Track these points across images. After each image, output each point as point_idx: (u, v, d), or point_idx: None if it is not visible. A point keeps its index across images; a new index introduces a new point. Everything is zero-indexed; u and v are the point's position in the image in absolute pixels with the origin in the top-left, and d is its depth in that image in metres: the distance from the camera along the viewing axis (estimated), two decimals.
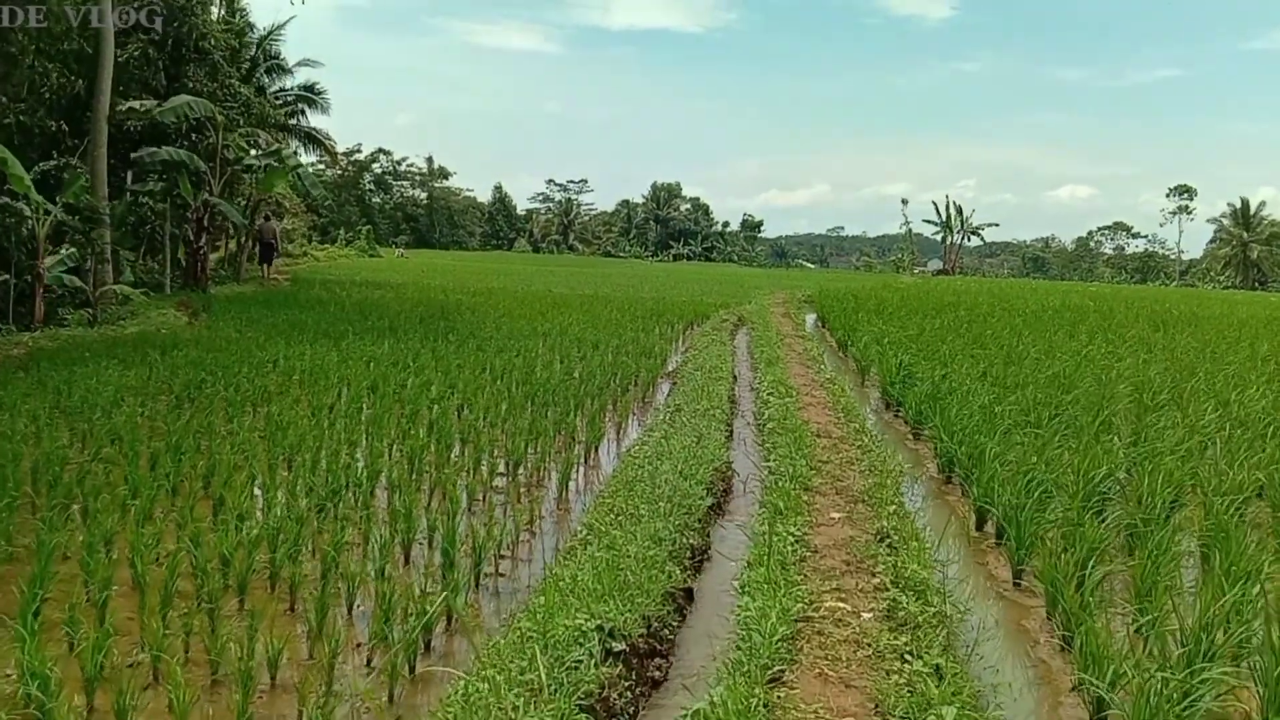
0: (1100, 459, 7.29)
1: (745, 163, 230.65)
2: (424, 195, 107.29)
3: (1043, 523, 5.80)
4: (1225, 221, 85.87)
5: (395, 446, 9.60)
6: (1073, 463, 7.32)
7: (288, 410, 10.56)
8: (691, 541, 5.52)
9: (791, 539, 5.21)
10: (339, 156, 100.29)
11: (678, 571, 4.84)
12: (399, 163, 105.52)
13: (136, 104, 22.28)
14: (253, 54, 39.18)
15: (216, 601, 5.66)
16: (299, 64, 41.99)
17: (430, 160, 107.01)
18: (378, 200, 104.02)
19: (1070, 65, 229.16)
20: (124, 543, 6.43)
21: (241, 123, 27.42)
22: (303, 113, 42.40)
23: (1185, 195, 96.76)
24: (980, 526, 7.12)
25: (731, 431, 9.93)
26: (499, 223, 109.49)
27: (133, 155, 21.45)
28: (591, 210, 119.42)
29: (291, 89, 42.36)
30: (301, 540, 6.77)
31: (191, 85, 27.46)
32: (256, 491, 7.82)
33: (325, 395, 11.43)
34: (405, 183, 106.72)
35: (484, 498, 8.33)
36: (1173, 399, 11.11)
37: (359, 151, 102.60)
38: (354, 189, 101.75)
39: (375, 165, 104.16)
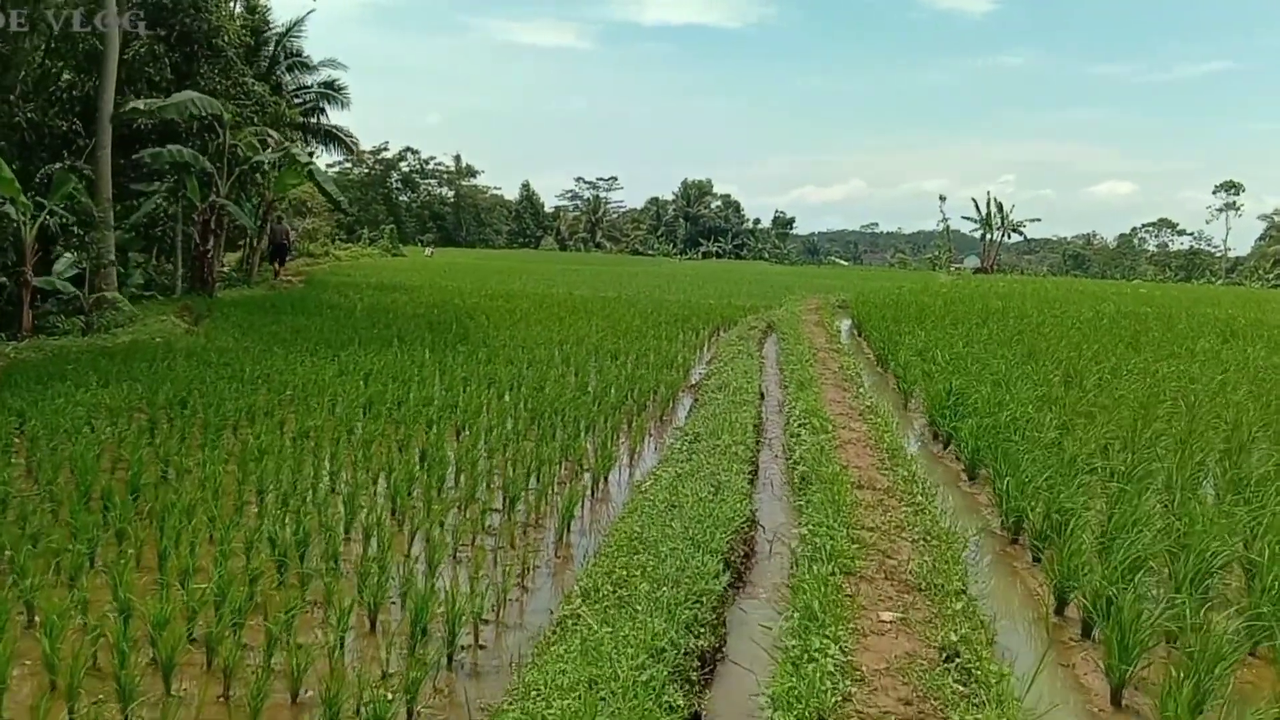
0: (1210, 525, 6.10)
1: (778, 159, 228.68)
2: (451, 194, 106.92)
3: (1148, 627, 4.62)
4: (1276, 219, 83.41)
5: (381, 477, 8.68)
6: (1171, 526, 6.21)
7: (269, 434, 9.70)
8: (700, 644, 4.48)
9: (830, 665, 4.02)
10: (365, 155, 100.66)
11: (679, 698, 3.82)
12: (426, 161, 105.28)
13: (141, 102, 21.57)
14: (271, 51, 38.73)
15: (135, 687, 4.77)
16: (322, 63, 41.42)
17: (458, 158, 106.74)
18: (404, 199, 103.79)
19: (1112, 60, 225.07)
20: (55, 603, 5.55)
21: (256, 120, 26.73)
22: (323, 111, 41.79)
23: (1232, 191, 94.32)
24: (1061, 610, 5.92)
25: (757, 469, 8.90)
26: (526, 221, 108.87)
27: (134, 155, 20.74)
28: (620, 208, 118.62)
29: (312, 87, 41.78)
30: (251, 604, 5.88)
31: (204, 83, 26.87)
32: (212, 539, 6.92)
33: (314, 415, 10.55)
34: (432, 181, 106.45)
35: (474, 541, 7.39)
36: (1271, 435, 9.89)
37: (386, 150, 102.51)
38: (381, 188, 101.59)
39: (402, 164, 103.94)
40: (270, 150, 23.61)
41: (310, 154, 34.93)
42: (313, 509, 7.58)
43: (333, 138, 42.44)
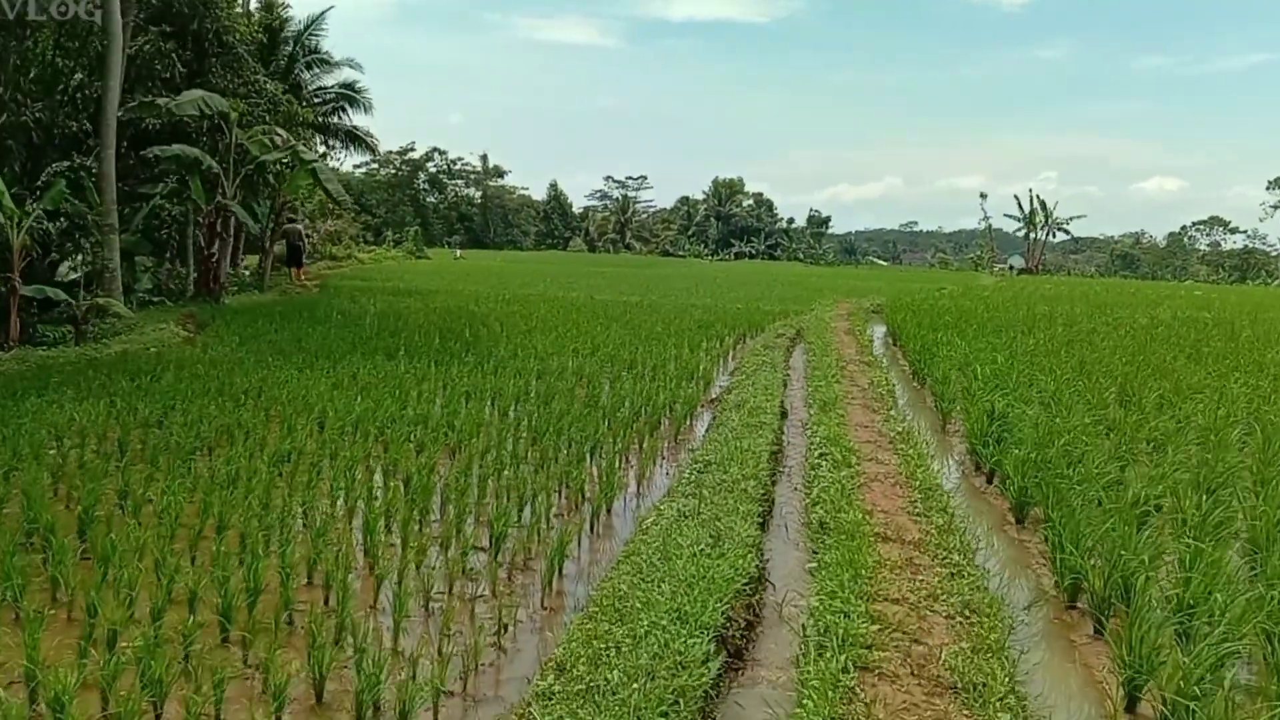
0: None
1: (811, 156, 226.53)
2: (478, 194, 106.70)
3: None
4: None
5: (362, 507, 7.97)
6: (1263, 598, 5.28)
7: (245, 457, 9.05)
8: None
9: None
10: (392, 156, 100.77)
11: None
12: (453, 162, 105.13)
13: (149, 100, 21.17)
14: (290, 49, 38.42)
15: None
16: (340, 63, 41.11)
17: (484, 159, 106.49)
18: (432, 200, 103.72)
19: (1155, 51, 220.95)
20: None
21: (268, 119, 26.29)
22: (344, 110, 41.46)
23: None
24: (1132, 706, 4.93)
25: (772, 506, 8.00)
26: (554, 221, 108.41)
27: (140, 152, 20.31)
28: (650, 208, 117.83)
29: (332, 87, 41.47)
30: (182, 669, 5.20)
31: (215, 81, 26.49)
32: (159, 585, 6.24)
33: (297, 435, 9.88)
34: (459, 182, 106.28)
35: (451, 588, 6.67)
36: None
37: (412, 150, 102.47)
38: (408, 189, 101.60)
39: (429, 164, 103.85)
40: (277, 150, 23.06)
41: (323, 154, 34.61)
42: (276, 548, 6.91)
43: (354, 139, 42.13)
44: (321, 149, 43.09)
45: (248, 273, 30.59)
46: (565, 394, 12.92)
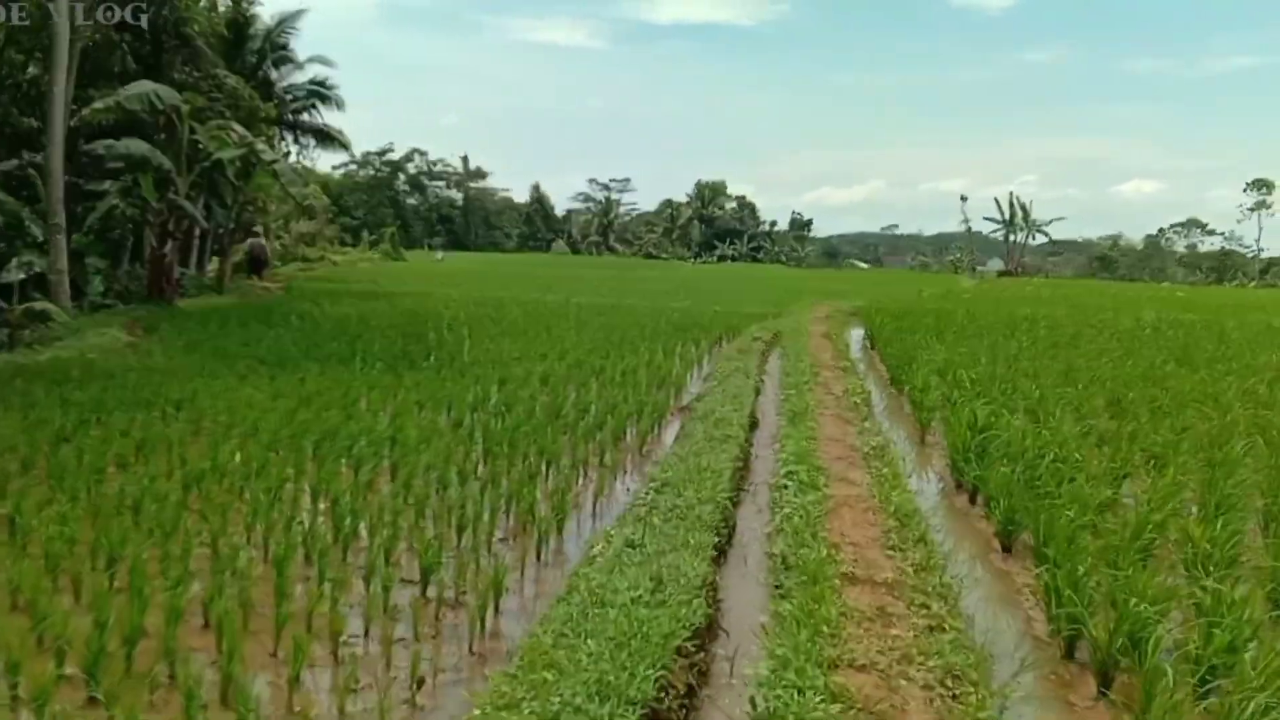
0: None
1: (795, 159, 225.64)
2: (459, 196, 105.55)
3: None
4: None
5: (273, 539, 7.10)
6: None
7: (156, 478, 8.17)
8: None
9: None
10: (371, 156, 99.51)
11: None
12: (434, 163, 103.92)
13: (97, 96, 20.18)
14: (259, 46, 37.39)
15: None
16: (310, 60, 40.12)
17: (465, 160, 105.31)
18: (412, 201, 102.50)
19: (1137, 56, 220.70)
20: None
21: (228, 114, 25.29)
22: (315, 108, 40.42)
23: (1263, 190, 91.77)
24: None
25: (733, 533, 7.10)
26: (537, 223, 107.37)
27: (85, 147, 19.31)
28: (634, 210, 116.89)
29: (302, 85, 40.45)
30: None
31: (176, 75, 25.51)
32: (19, 636, 5.36)
33: (222, 451, 8.99)
34: (440, 183, 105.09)
35: (368, 630, 5.81)
36: None
37: (391, 151, 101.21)
38: (388, 190, 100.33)
39: (410, 165, 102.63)
40: (233, 147, 22.06)
41: (288, 153, 33.61)
42: (168, 585, 6.03)
43: (325, 137, 41.09)
44: (294, 148, 42.18)
45: (213, 275, 29.53)
46: (526, 402, 12.07)
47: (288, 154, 36.44)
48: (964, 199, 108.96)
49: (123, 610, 5.52)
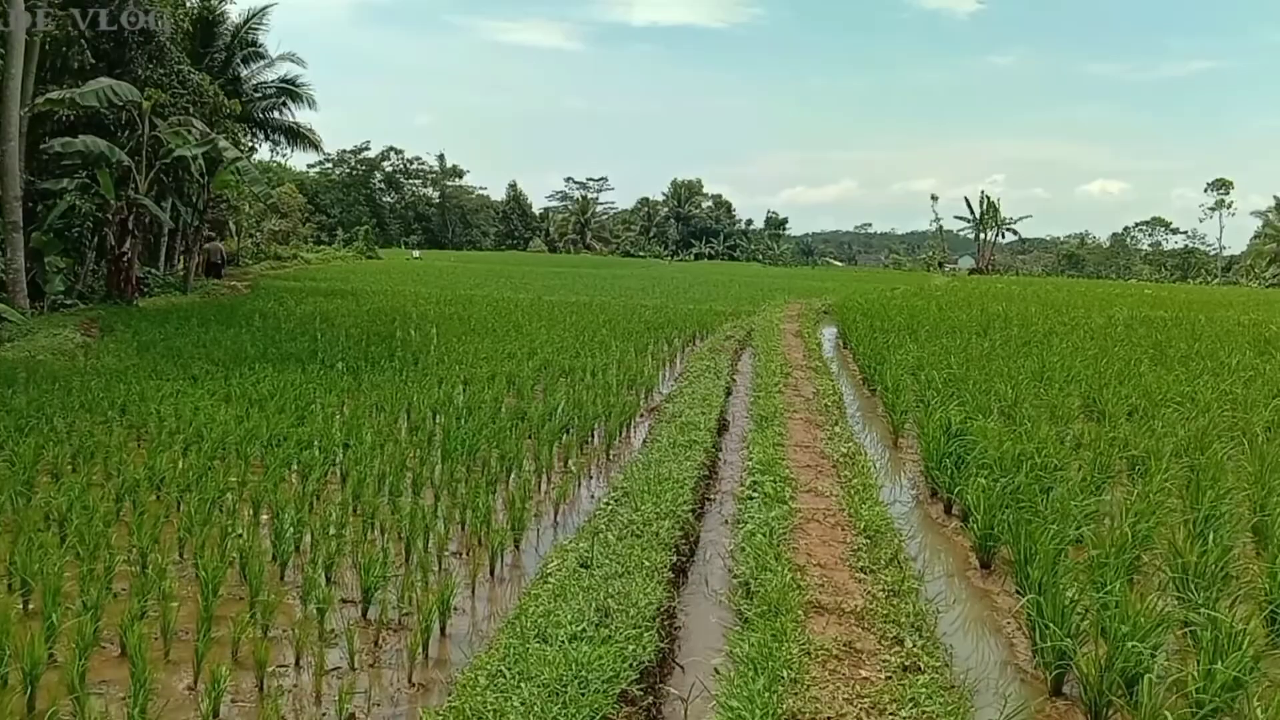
0: None
1: (770, 159, 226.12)
2: (436, 194, 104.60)
3: None
4: (1271, 216, 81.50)
5: (205, 556, 6.53)
6: None
7: (87, 488, 7.58)
8: None
9: None
10: (346, 154, 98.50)
11: None
12: (410, 161, 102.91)
13: (55, 92, 19.41)
14: (228, 43, 36.55)
15: None
16: (281, 57, 39.33)
17: (442, 158, 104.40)
18: (388, 200, 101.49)
19: (1102, 59, 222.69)
20: None
21: (191, 111, 24.54)
22: (285, 106, 39.62)
23: (1222, 189, 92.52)
24: None
25: (695, 549, 6.54)
26: (514, 222, 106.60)
27: (41, 145, 18.56)
28: (611, 209, 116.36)
29: (272, 82, 39.66)
30: None
31: (137, 71, 24.71)
32: None
33: (160, 461, 8.39)
34: (417, 181, 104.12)
35: (298, 659, 5.27)
36: None
37: (368, 149, 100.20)
38: (363, 188, 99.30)
39: (385, 164, 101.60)
40: (194, 144, 21.31)
41: (253, 149, 32.82)
42: (83, 613, 5.46)
43: (296, 135, 40.31)
44: (267, 146, 41.37)
45: (179, 274, 28.73)
46: (490, 404, 11.52)
47: (253, 150, 35.61)
48: (935, 199, 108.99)
49: (33, 638, 4.96)
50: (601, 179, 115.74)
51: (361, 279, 35.43)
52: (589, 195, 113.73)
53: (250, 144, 38.13)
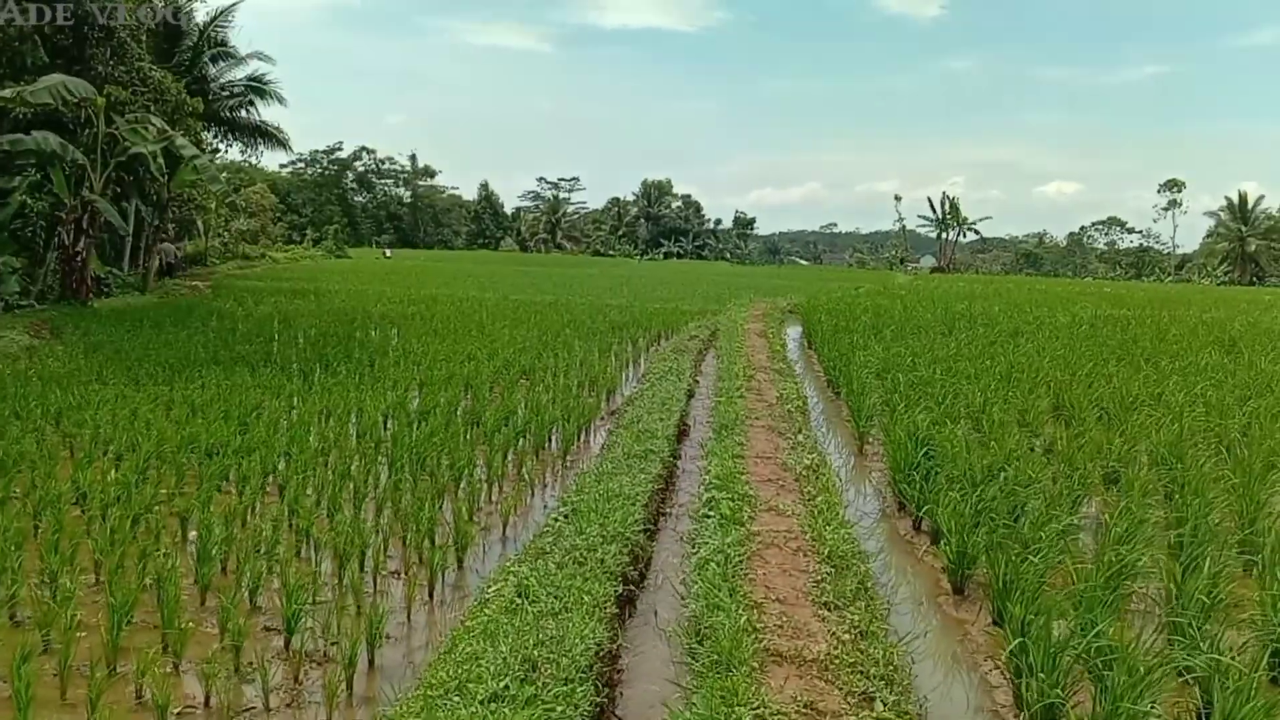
0: None
1: (738, 160, 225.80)
2: (408, 194, 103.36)
3: None
4: (1223, 215, 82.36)
5: (120, 580, 5.95)
6: None
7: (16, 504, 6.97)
8: None
9: None
10: (319, 154, 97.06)
11: None
12: (382, 161, 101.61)
13: (7, 90, 18.55)
14: (195, 41, 35.60)
15: None
16: (249, 55, 38.38)
17: (414, 158, 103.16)
18: (360, 199, 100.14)
19: (1059, 63, 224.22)
20: None
21: (153, 109, 23.68)
22: (252, 105, 38.67)
23: (1175, 189, 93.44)
24: None
25: (646, 573, 5.95)
26: (485, 221, 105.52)
27: None
28: (583, 208, 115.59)
29: (240, 80, 38.70)
30: None
31: (98, 68, 23.82)
32: None
33: (86, 473, 7.78)
34: (389, 181, 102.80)
35: (208, 699, 4.72)
36: None
37: (340, 149, 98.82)
38: (335, 188, 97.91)
39: (357, 164, 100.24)
40: (152, 141, 20.49)
41: (216, 149, 31.94)
42: None
43: (263, 134, 39.35)
44: (236, 146, 40.38)
45: (138, 274, 27.79)
46: (445, 408, 10.97)
47: (216, 149, 34.71)
48: (898, 199, 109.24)
49: None
50: (573, 179, 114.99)
51: (328, 278, 34.61)
52: (560, 195, 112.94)
53: (216, 143, 37.22)
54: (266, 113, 39.19)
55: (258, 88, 38.43)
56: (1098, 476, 7.39)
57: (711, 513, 6.35)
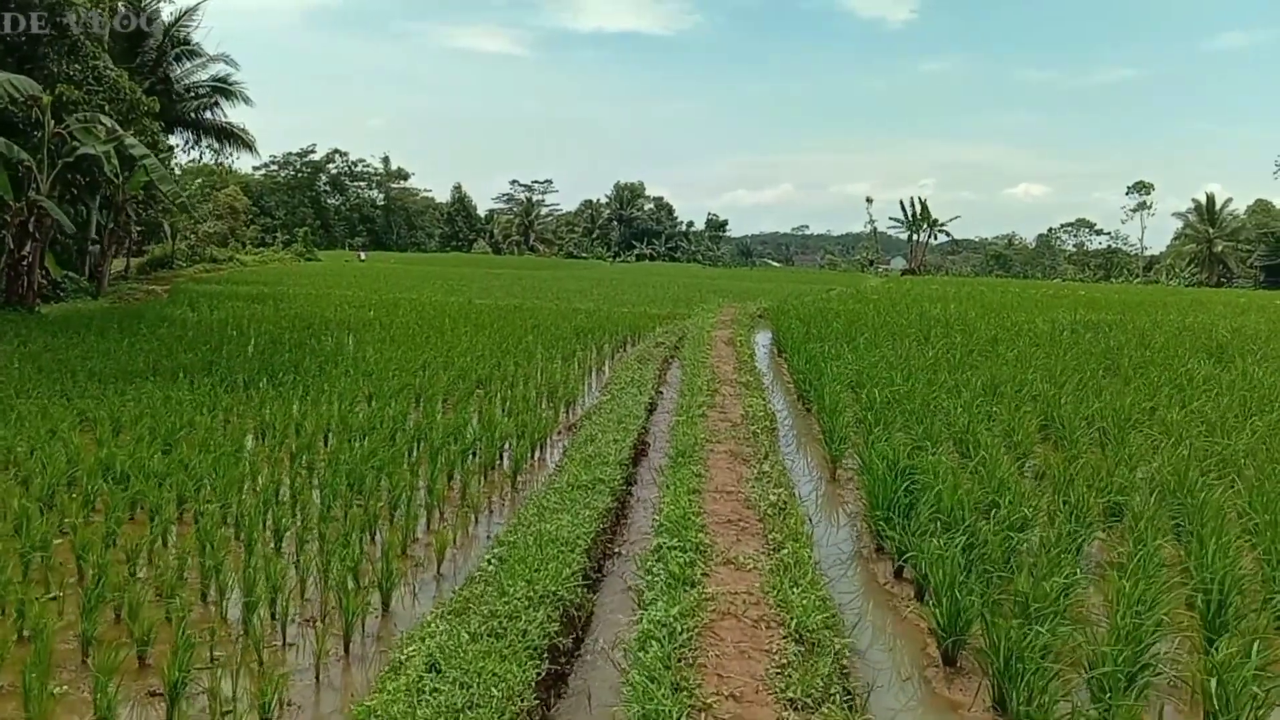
0: None
1: (711, 163, 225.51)
2: (381, 196, 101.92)
3: None
4: (1190, 217, 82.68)
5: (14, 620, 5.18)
6: None
7: None
8: None
9: None
10: (292, 157, 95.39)
11: None
12: (354, 164, 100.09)
13: None
14: (159, 41, 34.53)
15: None
16: (215, 57, 37.34)
17: (386, 160, 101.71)
18: (333, 202, 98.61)
19: (1028, 66, 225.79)
20: None
21: (108, 109, 22.68)
22: (217, 105, 37.61)
23: (1143, 191, 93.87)
24: None
25: (582, 637, 5.11)
26: (458, 224, 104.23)
27: None
28: (556, 210, 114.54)
29: (205, 81, 37.64)
30: None
31: (54, 67, 22.80)
32: None
33: None
34: (361, 184, 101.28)
35: None
36: None
37: (313, 152, 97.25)
38: (308, 190, 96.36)
39: (330, 166, 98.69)
40: (101, 141, 19.51)
41: (171, 148, 30.85)
42: None
43: (229, 135, 38.30)
44: (209, 152, 39.29)
45: (99, 278, 26.74)
46: (391, 422, 10.20)
47: (171, 150, 33.65)
48: (869, 201, 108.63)
49: None
50: (546, 181, 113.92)
51: (294, 282, 33.60)
52: (534, 197, 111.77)
53: (186, 146, 36.31)
54: (237, 115, 38.32)
55: (223, 89, 37.44)
56: (1098, 510, 6.61)
57: (659, 570, 5.37)
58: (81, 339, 15.03)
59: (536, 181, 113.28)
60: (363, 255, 67.47)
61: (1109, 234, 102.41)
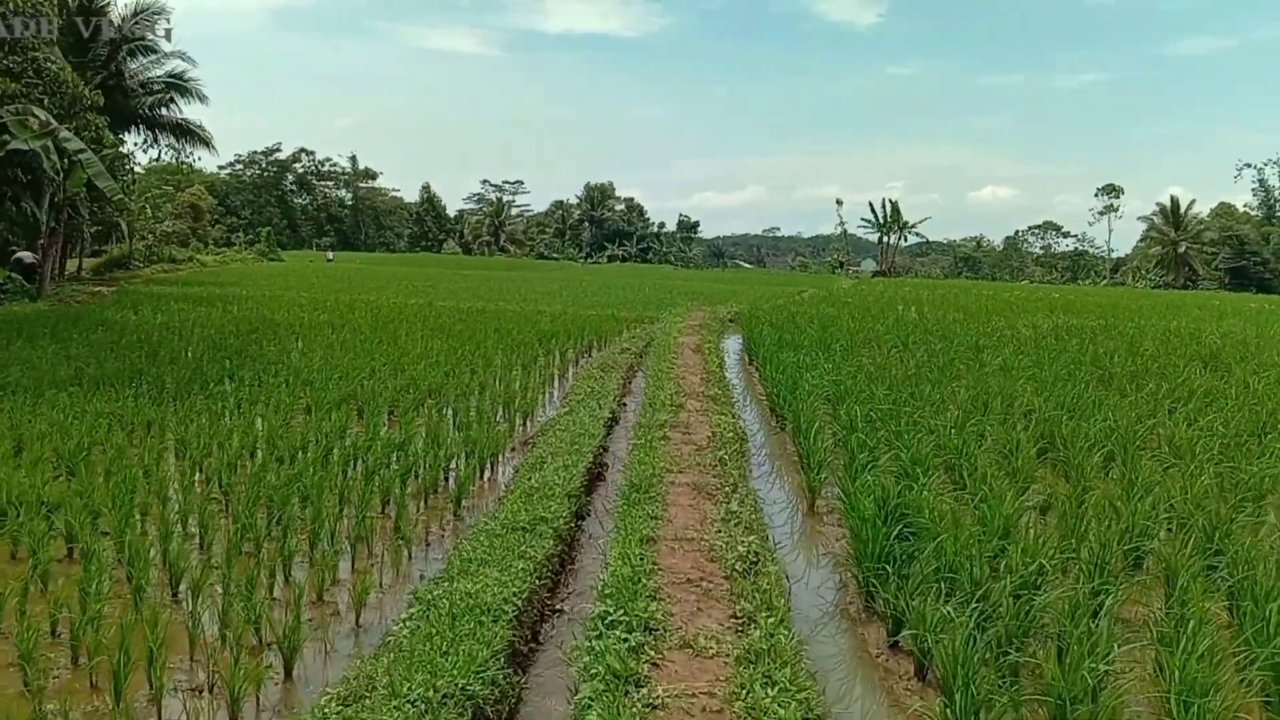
0: None
1: (682, 165, 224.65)
2: (349, 195, 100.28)
3: None
4: (1156, 220, 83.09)
5: None
6: None
7: None
8: None
9: None
10: (257, 155, 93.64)
11: None
12: (321, 163, 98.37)
13: None
14: (113, 36, 33.28)
15: None
16: (171, 54, 36.12)
17: (354, 160, 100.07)
18: (300, 201, 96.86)
19: (994, 71, 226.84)
20: None
21: (47, 102, 21.51)
22: (172, 102, 36.31)
23: (1111, 194, 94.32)
24: None
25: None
26: (428, 224, 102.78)
27: None
28: (527, 211, 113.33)
29: (160, 77, 36.35)
30: None
31: None
32: None
33: None
34: (329, 183, 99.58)
35: None
36: None
37: (279, 151, 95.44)
38: (275, 190, 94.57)
39: (297, 165, 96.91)
40: (33, 135, 18.37)
41: (121, 143, 29.62)
42: None
43: (185, 132, 37.02)
44: (167, 146, 38.01)
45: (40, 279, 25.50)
46: (326, 439, 9.29)
47: (120, 142, 32.48)
48: (840, 203, 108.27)
49: None
50: (517, 182, 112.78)
51: (252, 283, 32.42)
52: (504, 198, 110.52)
53: (133, 141, 35.06)
54: (197, 113, 37.06)
55: (179, 85, 36.23)
56: (1120, 558, 5.73)
57: (597, 664, 4.18)
58: (5, 346, 13.96)
59: (507, 182, 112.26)
60: (330, 255, 65.97)
61: (1076, 236, 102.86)
